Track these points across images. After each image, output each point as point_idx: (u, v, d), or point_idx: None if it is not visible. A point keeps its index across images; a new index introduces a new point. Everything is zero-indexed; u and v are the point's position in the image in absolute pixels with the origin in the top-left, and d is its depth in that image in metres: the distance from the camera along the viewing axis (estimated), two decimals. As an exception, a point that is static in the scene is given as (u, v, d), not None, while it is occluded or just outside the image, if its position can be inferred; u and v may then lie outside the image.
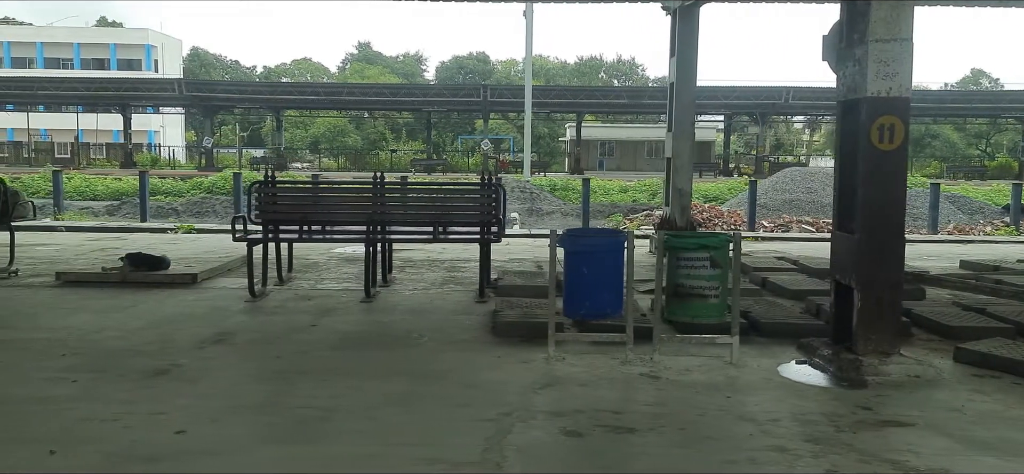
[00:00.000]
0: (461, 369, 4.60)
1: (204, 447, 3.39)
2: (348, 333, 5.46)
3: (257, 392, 4.17)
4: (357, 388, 4.23)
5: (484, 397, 4.11)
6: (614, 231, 6.50)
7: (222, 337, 5.29)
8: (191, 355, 4.85)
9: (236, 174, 17.32)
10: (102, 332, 5.35)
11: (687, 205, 9.71)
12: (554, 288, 4.74)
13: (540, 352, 4.89)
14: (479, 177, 6.88)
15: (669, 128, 9.76)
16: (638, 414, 3.84)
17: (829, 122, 69.43)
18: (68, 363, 4.63)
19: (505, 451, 3.37)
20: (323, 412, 3.83)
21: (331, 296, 6.75)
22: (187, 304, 6.34)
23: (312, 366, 4.66)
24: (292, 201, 7.03)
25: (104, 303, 6.29)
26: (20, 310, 6.05)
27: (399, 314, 6.11)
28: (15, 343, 5.04)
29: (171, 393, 4.13)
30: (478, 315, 6.06)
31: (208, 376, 4.43)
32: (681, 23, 9.37)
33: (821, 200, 19.46)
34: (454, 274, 7.97)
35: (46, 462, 3.22)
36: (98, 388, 4.18)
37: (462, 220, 6.85)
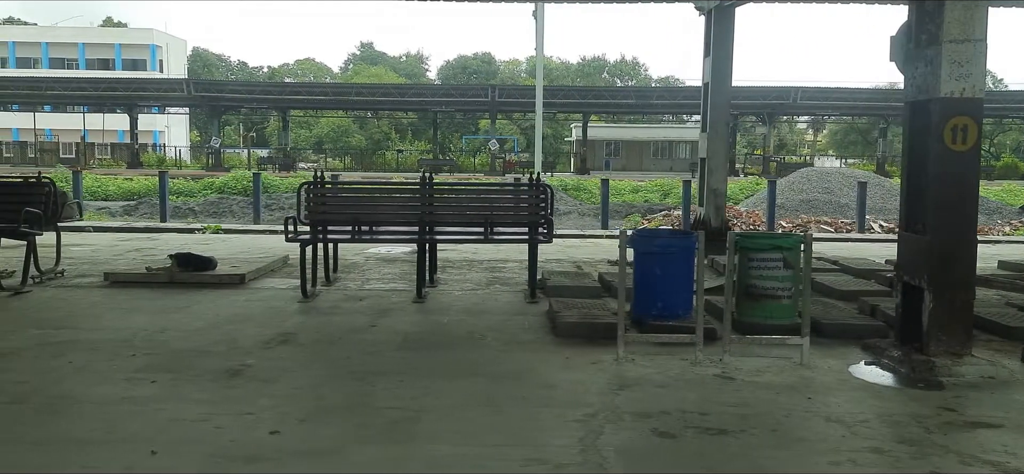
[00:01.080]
0: (534, 370, 4.61)
1: (302, 448, 3.40)
2: (410, 333, 5.47)
3: (338, 392, 4.17)
4: (437, 389, 4.24)
5: (564, 398, 4.12)
6: (684, 232, 6.51)
7: (285, 337, 5.30)
8: (259, 356, 4.86)
9: (256, 175, 17.33)
10: (165, 332, 5.37)
11: (722, 205, 9.72)
12: (624, 289, 4.75)
13: (605, 353, 4.90)
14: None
15: (703, 128, 9.77)
16: (724, 415, 3.84)
17: (833, 122, 69.58)
18: (141, 363, 4.64)
19: (603, 452, 3.38)
20: (411, 413, 3.84)
21: (381, 296, 6.75)
22: (240, 304, 6.35)
23: (384, 367, 4.66)
24: (341, 202, 7.03)
25: (158, 303, 6.30)
26: (78, 311, 6.06)
27: (454, 315, 6.11)
28: (83, 343, 5.04)
29: (251, 393, 4.14)
30: (533, 315, 6.07)
31: (283, 376, 4.44)
32: (716, 23, 9.38)
33: (839, 200, 19.47)
34: (497, 274, 7.97)
35: (150, 462, 3.23)
36: (178, 388, 4.19)
37: (510, 220, 6.86)
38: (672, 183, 29.97)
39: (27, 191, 6.87)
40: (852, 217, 18.06)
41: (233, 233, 12.56)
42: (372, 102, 46.62)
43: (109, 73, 64.34)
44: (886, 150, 48.57)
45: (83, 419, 3.71)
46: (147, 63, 71.27)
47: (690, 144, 59.40)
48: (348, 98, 45.32)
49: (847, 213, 18.55)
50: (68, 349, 4.90)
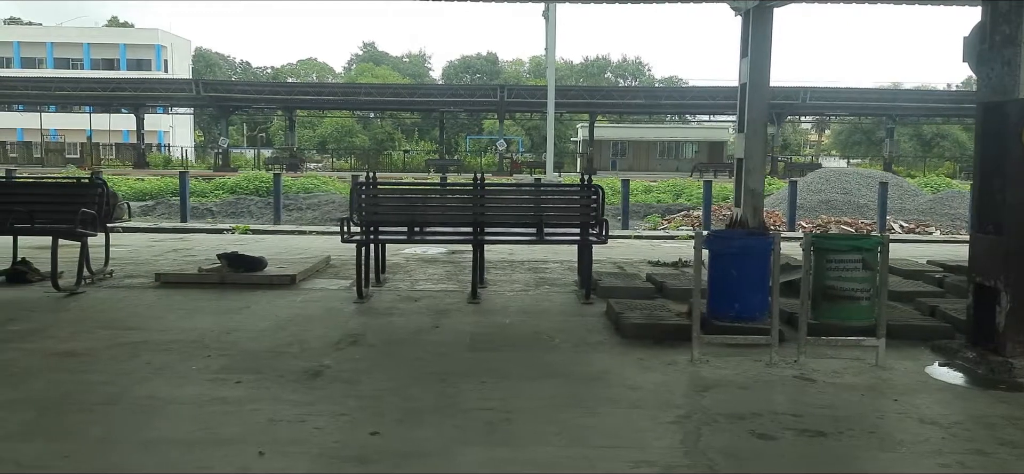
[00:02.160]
0: (611, 371, 4.62)
1: (408, 449, 3.41)
2: (476, 334, 5.48)
3: (424, 393, 4.18)
4: (521, 390, 4.25)
5: (652, 399, 4.13)
6: (760, 233, 6.52)
7: (354, 338, 5.31)
8: (333, 356, 4.87)
9: (276, 176, 17.33)
10: (233, 333, 5.37)
11: (759, 206, 9.73)
12: (699, 290, 4.76)
13: (676, 353, 4.92)
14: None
15: (740, 129, 9.77)
16: (817, 417, 3.85)
17: (837, 123, 69.54)
18: (219, 363, 4.65)
19: (708, 454, 3.38)
20: (503, 414, 3.85)
21: (434, 297, 6.76)
22: (297, 305, 6.36)
23: (461, 368, 4.67)
24: (393, 203, 7.04)
25: (216, 304, 6.31)
26: (139, 311, 6.07)
27: (513, 316, 6.12)
28: (155, 344, 5.05)
29: (338, 394, 4.15)
30: (592, 317, 6.07)
31: (363, 377, 4.45)
32: (755, 24, 9.38)
33: (858, 201, 19.45)
34: (542, 275, 7.98)
35: (261, 463, 3.24)
36: (265, 389, 4.19)
37: (562, 221, 6.87)
38: (683, 183, 29.98)
39: (82, 192, 6.87)
40: (871, 217, 18.06)
41: (260, 233, 12.58)
42: (381, 102, 46.63)
43: (118, 73, 64.41)
44: (893, 150, 48.60)
45: (181, 420, 3.72)
46: (152, 63, 71.28)
47: (696, 144, 59.40)
48: (357, 98, 45.27)
49: (866, 213, 18.55)
50: (141, 350, 4.91)
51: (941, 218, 18.07)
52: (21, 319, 5.71)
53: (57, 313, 5.95)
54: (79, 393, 4.08)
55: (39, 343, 5.04)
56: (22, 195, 7.04)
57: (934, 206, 19.07)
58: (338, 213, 19.35)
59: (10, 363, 4.60)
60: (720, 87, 45.20)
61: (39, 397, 4.02)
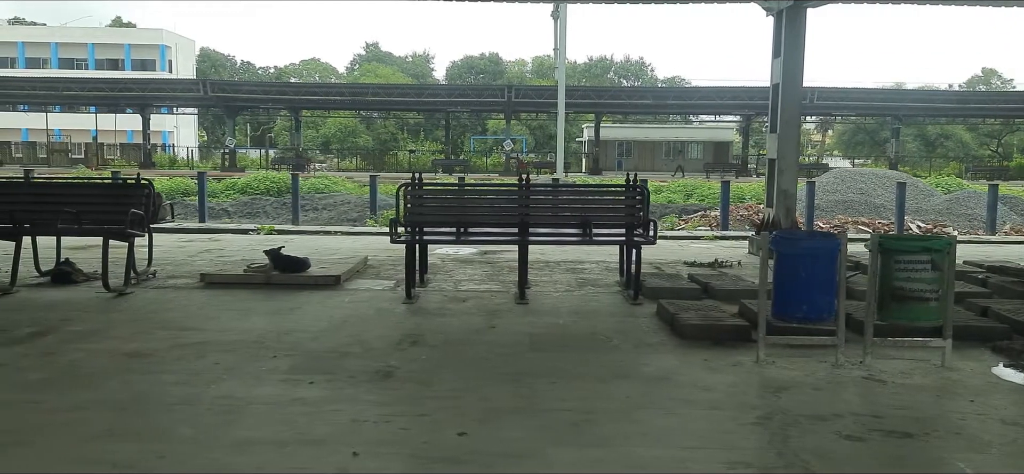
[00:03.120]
0: (679, 372, 4.62)
1: (498, 450, 3.42)
2: (535, 335, 5.48)
3: (499, 394, 4.18)
4: (595, 390, 4.26)
5: (727, 400, 4.14)
6: (826, 234, 6.51)
7: (414, 339, 5.31)
8: (398, 357, 4.87)
9: (294, 177, 17.31)
10: (291, 333, 5.38)
11: (792, 206, 9.74)
12: (765, 291, 4.76)
13: (738, 354, 4.94)
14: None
15: (773, 130, 9.78)
16: (898, 418, 3.85)
17: (841, 123, 69.53)
18: (286, 364, 4.66)
19: (800, 455, 3.39)
20: (583, 415, 3.85)
21: (481, 298, 6.77)
22: (347, 305, 6.36)
23: (528, 368, 4.67)
24: (439, 204, 7.05)
25: (267, 304, 6.31)
26: (192, 311, 6.07)
27: (565, 317, 6.12)
28: (216, 344, 5.05)
29: (414, 395, 4.15)
30: (644, 317, 6.07)
31: (434, 378, 4.45)
32: (788, 24, 9.40)
33: (874, 201, 19.47)
34: (580, 276, 7.98)
35: (357, 464, 3.25)
36: (339, 390, 4.20)
37: (608, 222, 6.87)
38: (694, 183, 29.99)
39: (129, 192, 6.87)
40: (887, 217, 18.08)
41: (287, 234, 12.56)
42: (388, 102, 46.65)
43: (125, 73, 64.48)
44: (899, 150, 48.59)
45: (266, 421, 3.72)
46: (156, 63, 71.32)
47: (702, 144, 59.30)
48: (364, 98, 45.30)
49: (883, 213, 18.57)
50: (206, 350, 4.91)
51: (958, 218, 18.09)
52: (77, 320, 5.71)
53: (111, 313, 5.96)
54: (156, 393, 4.09)
55: (101, 344, 5.05)
56: (70, 196, 7.03)
57: (951, 206, 19.09)
58: (354, 213, 19.48)
59: (78, 364, 4.60)
60: (727, 87, 45.30)
61: (116, 397, 4.03)
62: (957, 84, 75.31)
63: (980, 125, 60.34)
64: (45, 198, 6.94)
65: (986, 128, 63.53)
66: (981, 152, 65.02)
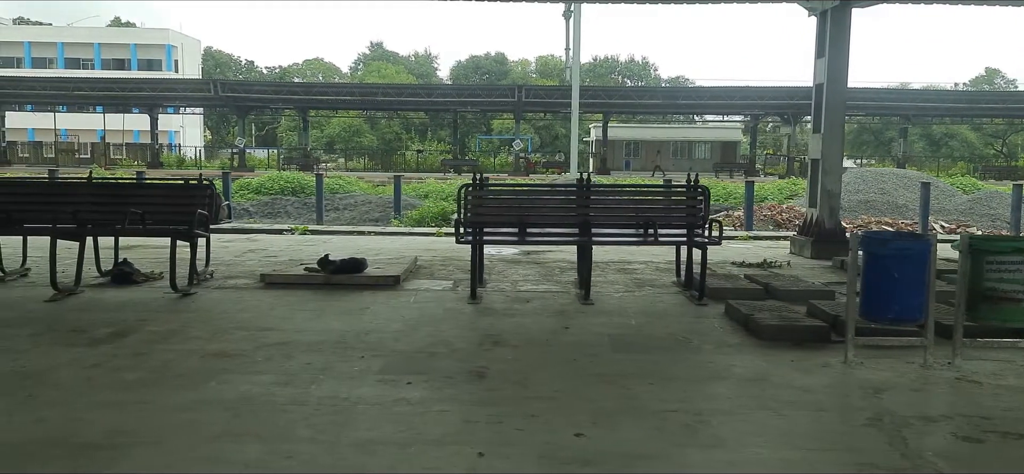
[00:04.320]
0: (772, 372, 4.62)
1: (621, 450, 3.42)
2: (613, 336, 5.48)
3: (601, 395, 4.18)
4: (692, 391, 4.27)
5: (829, 401, 4.15)
6: (915, 235, 6.51)
7: (494, 339, 5.31)
8: (486, 357, 4.87)
9: (318, 176, 17.35)
10: (370, 334, 5.38)
11: (836, 207, 9.74)
12: (854, 291, 4.76)
13: (822, 355, 4.95)
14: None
15: (817, 129, 9.78)
16: (1007, 419, 3.85)
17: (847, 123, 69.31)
18: (376, 364, 4.66)
19: (925, 456, 3.39)
20: (693, 415, 3.86)
21: (543, 298, 6.77)
22: (413, 306, 6.36)
23: (618, 368, 4.67)
24: (500, 204, 7.05)
25: (334, 305, 6.31)
26: (263, 312, 6.05)
27: (635, 317, 6.12)
28: (300, 345, 5.05)
29: (516, 395, 4.15)
30: (713, 318, 6.07)
31: (530, 378, 4.45)
32: (832, 24, 9.39)
33: (895, 200, 19.46)
34: (634, 276, 7.97)
35: (484, 463, 3.25)
36: (439, 390, 4.20)
37: (669, 222, 6.88)
38: (707, 183, 29.86)
39: (193, 193, 6.87)
40: (910, 218, 18.06)
41: (319, 233, 12.58)
42: (398, 102, 46.62)
43: (138, 73, 64.56)
44: (906, 149, 48.56)
45: (379, 421, 3.73)
46: (162, 63, 71.36)
47: (709, 144, 59.32)
48: (374, 98, 45.28)
49: (905, 214, 18.55)
50: (291, 351, 4.91)
51: (981, 219, 18.07)
52: (152, 320, 5.71)
53: (183, 314, 5.96)
54: (259, 394, 4.08)
55: (185, 344, 5.05)
56: (134, 197, 7.03)
57: (973, 207, 19.08)
58: (376, 213, 19.43)
59: (170, 364, 4.60)
60: (736, 87, 45.31)
61: (222, 398, 4.02)
62: (961, 84, 75.33)
63: (985, 125, 60.37)
64: (108, 199, 6.94)
65: (991, 128, 63.57)
66: (986, 151, 65.06)
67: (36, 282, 7.06)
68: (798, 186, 28.08)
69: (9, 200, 6.75)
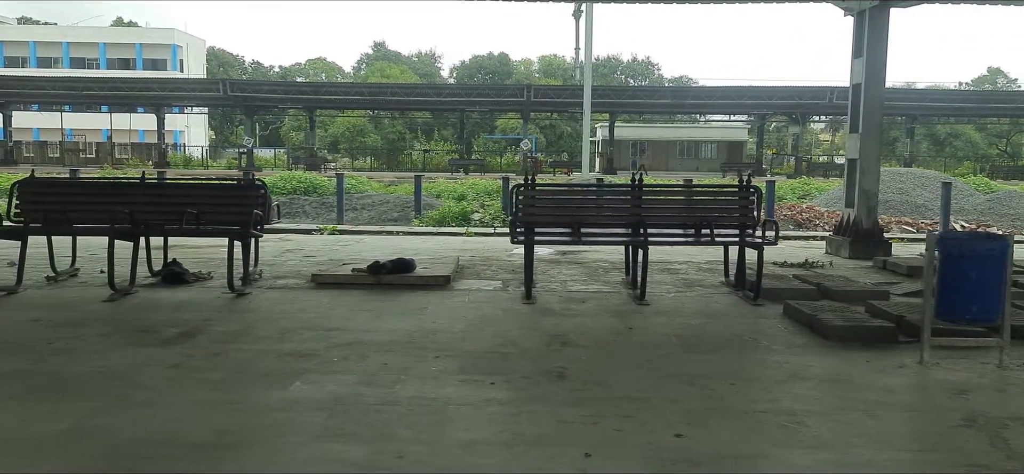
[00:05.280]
0: (849, 373, 4.61)
1: (723, 450, 3.42)
2: (680, 337, 5.48)
3: (685, 395, 4.17)
4: (777, 391, 4.26)
5: (917, 402, 4.16)
6: (992, 235, 6.52)
7: (562, 339, 5.31)
8: (559, 357, 4.87)
9: (339, 175, 17.36)
10: (437, 334, 5.38)
11: (874, 207, 9.74)
12: (930, 291, 4.76)
13: (894, 356, 4.95)
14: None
15: (854, 129, 9.78)
16: (1102, 419, 3.86)
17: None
18: (455, 364, 4.66)
19: (1033, 457, 3.39)
20: (786, 416, 3.85)
21: (596, 298, 6.76)
22: (470, 306, 6.36)
23: (694, 369, 4.66)
24: (552, 204, 7.05)
25: (391, 305, 6.31)
26: (322, 312, 6.04)
27: (693, 318, 6.12)
28: (371, 345, 5.04)
29: (601, 396, 4.15)
30: (772, 318, 6.06)
31: (610, 379, 4.44)
32: (871, 24, 9.39)
33: (914, 200, 19.47)
34: (680, 276, 7.96)
35: (591, 464, 3.25)
36: (523, 391, 4.20)
37: (722, 222, 6.87)
38: (720, 183, 29.97)
39: (247, 193, 6.87)
40: (930, 217, 18.07)
41: (348, 233, 12.58)
42: (407, 102, 46.68)
43: (146, 73, 64.62)
44: (913, 149, 48.55)
45: (476, 421, 3.72)
46: (167, 63, 71.43)
47: (715, 144, 59.40)
48: (383, 98, 45.30)
49: (924, 213, 18.56)
50: (364, 350, 4.91)
51: (1001, 218, 18.08)
52: (216, 320, 5.71)
53: (244, 314, 5.96)
54: (346, 394, 4.07)
55: (256, 345, 5.04)
56: (188, 197, 7.02)
57: (992, 206, 19.09)
58: (395, 213, 19.42)
59: (248, 364, 4.60)
60: (745, 87, 45.31)
61: (312, 398, 4.02)
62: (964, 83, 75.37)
63: (989, 124, 60.38)
64: (162, 199, 6.93)
65: (995, 128, 63.59)
66: (990, 151, 65.07)
67: (87, 282, 7.07)
68: (811, 186, 28.15)
69: (64, 200, 6.74)
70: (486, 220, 15.91)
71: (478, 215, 16.79)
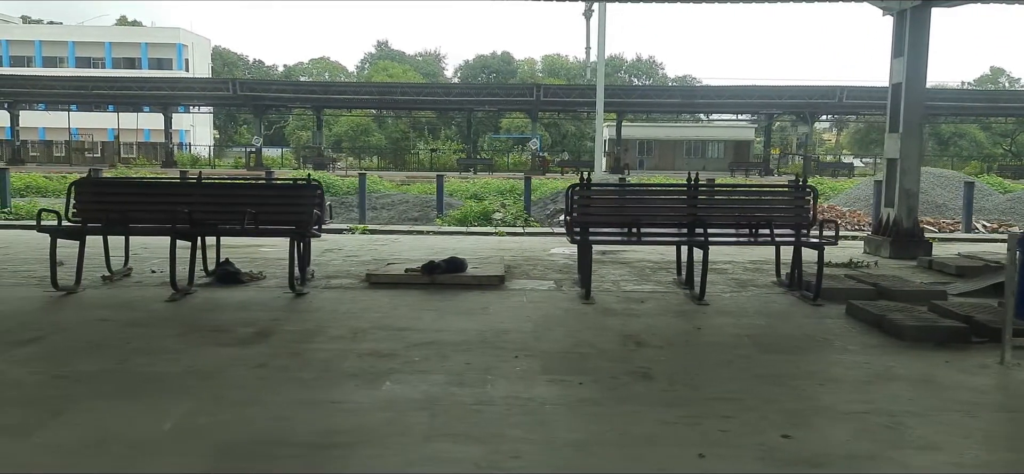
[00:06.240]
0: (934, 374, 4.60)
1: (835, 451, 3.41)
2: (751, 337, 5.46)
3: (778, 395, 4.17)
4: (868, 392, 4.25)
5: (1012, 402, 4.17)
6: None
7: (636, 340, 5.30)
8: (638, 357, 4.86)
9: (362, 175, 17.33)
10: (508, 334, 5.37)
11: (914, 206, 9.73)
12: (1013, 291, 4.75)
13: (975, 356, 4.96)
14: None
15: (895, 129, 9.77)
16: None
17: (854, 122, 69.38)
18: (537, 365, 4.65)
19: None
20: (885, 416, 3.84)
21: (653, 298, 6.76)
22: (531, 306, 6.35)
23: (777, 369, 4.65)
24: (608, 204, 7.03)
25: (451, 304, 6.30)
26: (386, 311, 6.02)
27: (757, 318, 6.10)
28: (446, 344, 5.03)
29: (691, 396, 4.14)
30: (835, 318, 6.04)
31: (695, 379, 4.44)
32: (912, 24, 9.38)
33: (934, 200, 19.45)
34: (729, 276, 7.94)
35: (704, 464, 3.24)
36: (614, 390, 4.20)
37: (779, 222, 6.86)
38: (732, 182, 29.98)
39: (305, 193, 6.86)
40: (950, 217, 18.07)
41: (378, 234, 12.55)
42: (417, 101, 46.66)
43: (144, 72, 64.59)
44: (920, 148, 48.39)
45: (578, 420, 3.72)
46: (172, 62, 71.37)
47: (722, 143, 59.36)
48: (393, 97, 45.29)
49: (944, 213, 18.55)
50: (442, 350, 4.90)
51: (1022, 218, 18.06)
52: (284, 320, 5.70)
53: (309, 313, 5.95)
54: (441, 395, 4.06)
55: (333, 344, 5.03)
56: (246, 197, 7.01)
57: (1013, 206, 19.07)
58: (414, 213, 19.38)
59: (332, 363, 4.59)
60: (755, 86, 45.28)
61: (406, 397, 4.01)
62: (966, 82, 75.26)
63: (994, 124, 60.33)
64: (221, 199, 6.92)
65: (999, 127, 63.58)
66: (994, 151, 65.04)
67: (142, 282, 7.06)
68: (824, 185, 28.13)
69: (123, 200, 6.73)
70: (507, 219, 15.89)
71: (499, 215, 16.77)
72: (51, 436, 3.42)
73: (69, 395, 3.98)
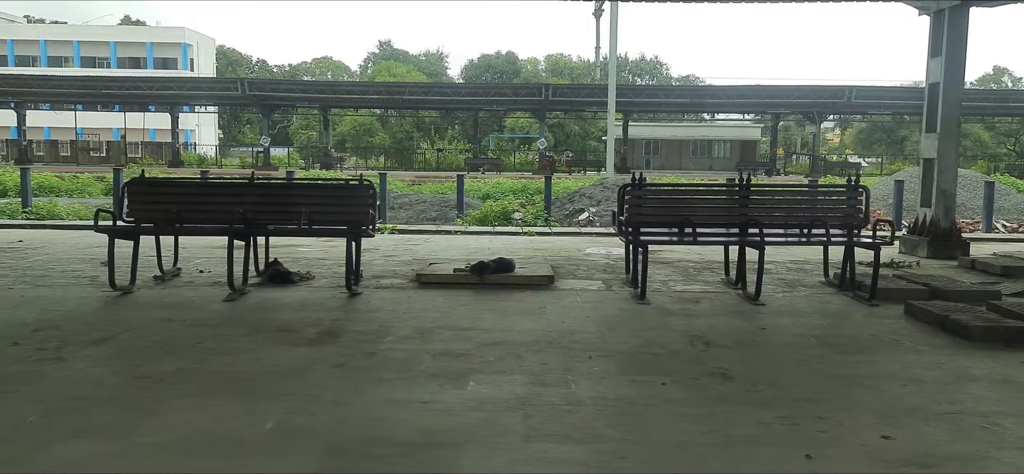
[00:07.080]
0: (1009, 374, 4.58)
1: (939, 451, 3.39)
2: (818, 337, 5.45)
3: (861, 396, 4.15)
4: (951, 392, 4.24)
5: (1100, 403, 4.14)
6: None
7: (703, 340, 5.28)
8: (711, 358, 4.84)
9: (382, 175, 17.29)
10: (574, 334, 5.36)
11: (951, 206, 9.72)
12: (1088, 292, 4.74)
13: (1041, 356, 4.93)
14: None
15: (932, 129, 9.75)
16: None
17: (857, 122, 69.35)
18: (613, 365, 4.64)
19: None
20: (977, 417, 3.83)
21: (706, 298, 6.75)
22: (585, 305, 6.34)
23: (851, 371, 4.64)
24: (659, 204, 7.02)
25: (507, 304, 6.28)
26: (443, 311, 6.00)
27: (816, 318, 6.08)
28: (515, 344, 5.01)
29: (777, 397, 4.12)
30: (894, 319, 6.02)
31: (776, 380, 4.41)
32: (950, 24, 9.37)
33: (953, 200, 19.42)
34: (774, 276, 7.91)
35: (811, 465, 3.22)
36: (699, 391, 4.19)
37: (832, 222, 6.85)
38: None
39: (358, 193, 6.84)
40: (969, 216, 18.07)
41: (408, 233, 12.54)
42: (425, 101, 46.66)
43: (150, 72, 64.61)
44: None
45: (672, 421, 3.70)
46: (177, 62, 71.38)
47: (728, 143, 59.40)
48: (401, 96, 45.29)
49: (963, 212, 18.52)
50: (516, 350, 4.88)
51: (1040, 218, 18.06)
52: (347, 319, 5.70)
53: (370, 313, 5.94)
54: (528, 395, 4.04)
55: (405, 344, 5.01)
56: (299, 198, 7.01)
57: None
58: (433, 212, 19.42)
59: (410, 363, 4.58)
60: (763, 86, 45.25)
61: (493, 397, 3.99)
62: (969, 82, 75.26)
63: (998, 123, 60.31)
64: (274, 200, 6.92)
65: (1003, 127, 63.57)
66: (998, 150, 65.03)
67: (193, 282, 7.05)
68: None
69: (177, 200, 6.72)
70: (528, 219, 15.89)
71: (519, 215, 16.78)
72: (151, 437, 3.41)
73: (156, 395, 3.96)
